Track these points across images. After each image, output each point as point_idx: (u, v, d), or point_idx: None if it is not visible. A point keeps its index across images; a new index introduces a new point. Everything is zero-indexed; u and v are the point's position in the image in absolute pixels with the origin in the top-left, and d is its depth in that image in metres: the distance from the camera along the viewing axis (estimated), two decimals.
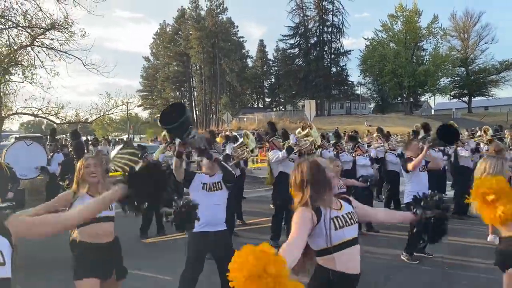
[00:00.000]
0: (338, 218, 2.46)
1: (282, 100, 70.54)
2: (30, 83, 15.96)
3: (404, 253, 6.13)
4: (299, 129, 9.07)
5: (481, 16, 59.63)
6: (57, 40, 15.87)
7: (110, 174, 10.53)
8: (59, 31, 15.65)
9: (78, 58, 16.18)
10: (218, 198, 4.44)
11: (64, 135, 22.84)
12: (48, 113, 16.73)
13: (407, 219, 3.03)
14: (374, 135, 12.11)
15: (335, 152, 9.56)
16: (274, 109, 69.31)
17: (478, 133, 11.56)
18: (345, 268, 2.45)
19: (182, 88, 73.91)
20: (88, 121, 20.02)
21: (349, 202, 2.67)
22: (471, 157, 9.19)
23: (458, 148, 9.16)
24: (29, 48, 16.05)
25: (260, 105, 75.16)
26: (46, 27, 15.60)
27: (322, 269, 2.48)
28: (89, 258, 3.35)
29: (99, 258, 3.35)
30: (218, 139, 11.66)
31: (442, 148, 9.04)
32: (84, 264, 3.35)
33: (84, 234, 3.38)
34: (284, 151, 7.11)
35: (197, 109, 73.63)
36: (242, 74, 66.46)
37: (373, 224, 7.95)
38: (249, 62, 71.34)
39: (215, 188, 4.44)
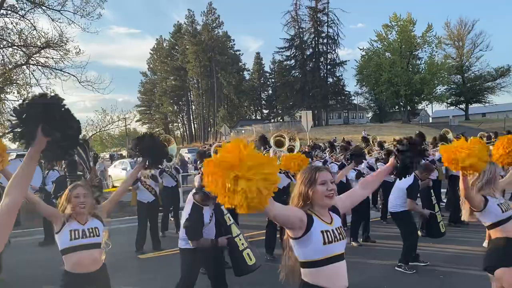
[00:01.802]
0: (328, 233, 2.37)
1: (280, 111, 70.74)
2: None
3: (400, 263, 6.10)
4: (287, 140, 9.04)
5: (474, 24, 60.22)
6: (52, 58, 15.94)
7: (106, 190, 10.51)
8: (54, 49, 15.73)
9: (73, 76, 16.24)
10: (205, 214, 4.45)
11: None
12: None
13: (387, 167, 2.94)
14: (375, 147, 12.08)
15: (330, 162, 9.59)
16: (272, 120, 69.46)
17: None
18: (331, 284, 2.36)
19: (180, 102, 74.19)
20: (86, 138, 20.03)
21: (338, 212, 2.56)
22: None
23: None
24: (24, 67, 16.12)
25: (258, 117, 75.37)
26: (41, 46, 15.69)
27: (307, 285, 2.39)
28: None
29: None
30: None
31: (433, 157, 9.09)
32: None
33: (69, 263, 3.26)
34: None
35: (195, 122, 73.85)
36: (239, 87, 66.79)
37: (369, 234, 7.93)
38: (246, 75, 71.87)
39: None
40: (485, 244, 6.75)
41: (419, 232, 6.74)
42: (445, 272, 5.94)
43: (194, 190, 4.41)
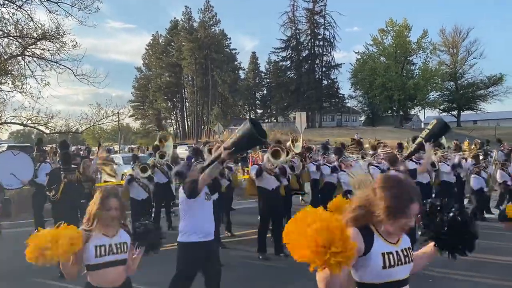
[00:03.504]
0: (391, 255, 2.04)
1: (274, 112, 70.88)
2: (20, 92, 15.89)
3: None
4: (289, 142, 9.13)
5: (469, 32, 60.65)
6: (48, 50, 15.85)
7: (98, 184, 10.49)
8: (50, 41, 15.65)
9: (69, 68, 16.16)
10: (210, 208, 4.47)
11: (52, 145, 22.72)
12: (37, 123, 16.60)
13: (428, 252, 2.38)
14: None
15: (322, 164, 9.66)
16: (266, 120, 69.53)
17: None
18: None
19: (174, 99, 73.94)
20: (78, 131, 19.91)
21: (407, 233, 2.19)
22: (452, 173, 9.35)
23: (440, 164, 9.29)
24: (19, 58, 16.01)
25: (252, 117, 75.36)
26: (37, 37, 15.59)
27: None
28: None
29: None
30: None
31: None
32: None
33: (93, 278, 3.05)
34: (253, 173, 7.23)
35: (188, 119, 73.63)
36: (234, 86, 66.72)
37: None
38: (241, 74, 71.80)
39: (208, 198, 4.46)
40: None
41: None
42: (434, 276, 6.01)
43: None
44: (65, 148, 7.92)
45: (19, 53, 15.84)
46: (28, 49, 15.90)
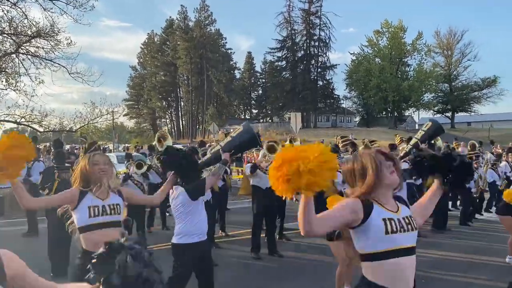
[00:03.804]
0: (392, 221, 2.08)
1: (269, 112, 70.95)
2: (14, 90, 15.78)
3: None
4: (287, 142, 9.12)
5: (464, 34, 60.99)
6: (43, 48, 15.74)
7: None
8: (44, 39, 15.53)
9: (64, 67, 16.05)
10: (203, 207, 4.47)
11: (46, 144, 22.58)
12: (31, 121, 16.49)
13: (433, 191, 2.48)
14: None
15: None
16: (261, 120, 69.57)
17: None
18: (391, 283, 2.05)
19: (169, 98, 73.80)
20: (73, 130, 19.80)
21: (407, 204, 2.29)
22: None
23: None
24: (13, 55, 15.89)
25: (247, 116, 75.33)
26: (32, 35, 15.48)
27: (364, 281, 2.14)
28: None
29: None
30: None
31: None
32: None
33: (89, 242, 3.01)
34: (248, 168, 7.24)
35: (183, 119, 73.54)
36: (229, 85, 66.71)
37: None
38: (237, 74, 71.80)
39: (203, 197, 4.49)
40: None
41: None
42: (427, 277, 6.04)
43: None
44: (59, 147, 7.88)
45: (13, 51, 15.72)
46: (23, 47, 15.78)
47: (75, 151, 17.67)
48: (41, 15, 18.25)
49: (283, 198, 1.84)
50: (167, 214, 9.84)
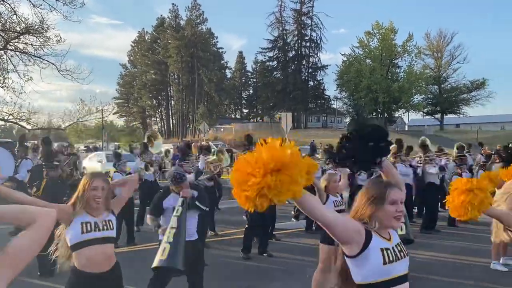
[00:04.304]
0: (388, 251, 2.10)
1: (260, 112, 70.94)
2: (2, 87, 15.61)
3: None
4: None
5: (454, 37, 61.57)
6: (32, 44, 15.59)
7: None
8: (33, 36, 15.39)
9: (53, 64, 15.91)
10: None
11: (33, 141, 22.30)
12: (19, 119, 16.33)
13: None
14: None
15: None
16: (252, 120, 69.57)
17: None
18: None
19: (159, 97, 73.42)
20: (61, 127, 19.63)
21: (395, 230, 2.30)
22: (438, 174, 9.47)
23: (426, 165, 9.41)
24: (1, 52, 15.71)
25: (238, 116, 75.31)
26: (20, 31, 15.33)
27: None
28: None
29: None
30: (192, 150, 11.62)
31: (411, 164, 9.29)
32: None
33: (81, 260, 2.99)
34: None
35: (173, 118, 73.21)
36: (220, 85, 66.55)
37: None
38: (228, 73, 71.64)
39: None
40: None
41: None
42: (414, 277, 6.07)
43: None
44: (47, 145, 7.78)
45: (1, 47, 15.55)
46: (11, 43, 15.62)
47: (63, 149, 17.51)
48: (30, 11, 18.10)
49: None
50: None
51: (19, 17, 15.24)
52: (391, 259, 2.07)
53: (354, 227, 2.08)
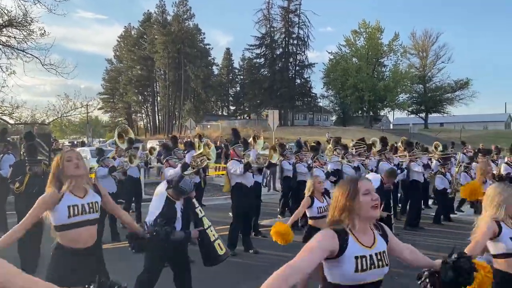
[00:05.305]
0: (364, 259, 2.05)
1: (247, 109, 70.86)
2: None
3: None
4: (251, 139, 9.06)
5: (439, 37, 62.45)
6: (15, 37, 15.30)
7: None
8: (16, 29, 15.10)
9: (36, 58, 15.64)
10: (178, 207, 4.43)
11: (17, 136, 21.95)
12: (1, 113, 16.04)
13: (434, 266, 2.51)
14: (329, 146, 12.08)
15: (295, 161, 9.71)
16: (239, 117, 69.46)
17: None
18: None
19: (145, 93, 72.84)
20: (45, 122, 19.34)
21: (385, 235, 2.25)
22: (423, 172, 9.59)
23: (411, 164, 9.51)
24: None
25: (225, 113, 75.15)
26: (3, 24, 15.02)
27: None
28: (68, 265, 2.94)
29: (79, 265, 2.95)
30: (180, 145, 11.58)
31: (397, 163, 9.37)
32: (61, 271, 2.95)
33: (65, 239, 2.99)
34: (242, 168, 7.12)
35: (159, 114, 72.72)
36: (207, 81, 66.28)
37: None
38: (215, 70, 71.40)
39: None
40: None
41: None
42: (399, 273, 6.14)
43: (166, 184, 4.41)
44: (30, 140, 7.65)
45: None
46: None
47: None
48: (13, 3, 17.72)
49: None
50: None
51: (1, 9, 14.94)
52: (364, 267, 2.03)
53: (327, 245, 2.03)
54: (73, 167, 3.01)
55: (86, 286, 2.55)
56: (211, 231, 4.47)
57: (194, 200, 4.65)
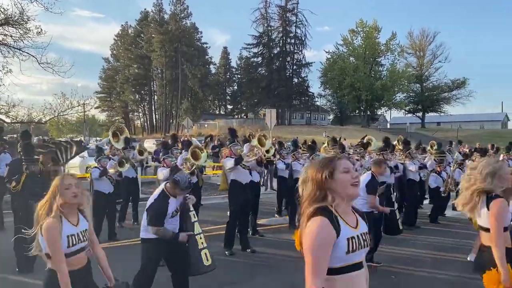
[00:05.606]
0: (353, 240, 2.08)
1: (244, 108, 70.81)
2: None
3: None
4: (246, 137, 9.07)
5: (436, 36, 62.60)
6: (11, 36, 15.22)
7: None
8: (13, 27, 15.02)
9: (33, 56, 15.57)
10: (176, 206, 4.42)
11: (13, 135, 21.89)
12: None
13: None
14: (324, 145, 12.02)
15: (291, 160, 9.70)
16: (236, 116, 69.44)
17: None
18: None
19: (142, 91, 72.68)
20: (42, 121, 19.26)
21: (363, 217, 2.28)
22: (418, 171, 9.61)
23: (407, 163, 9.53)
24: None
25: (222, 112, 75.13)
26: (0, 22, 14.95)
27: None
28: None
29: (73, 280, 2.93)
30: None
31: (394, 164, 9.38)
32: None
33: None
34: (232, 160, 7.10)
35: (156, 113, 72.57)
36: (204, 80, 66.17)
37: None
38: (212, 69, 71.29)
39: None
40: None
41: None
42: (397, 273, 6.17)
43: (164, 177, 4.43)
44: (27, 138, 7.61)
45: None
46: None
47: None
48: (10, 1, 17.65)
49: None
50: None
51: None
52: (353, 248, 2.06)
53: (330, 239, 2.03)
54: (71, 195, 2.96)
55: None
56: (200, 238, 4.37)
57: (190, 205, 4.54)
